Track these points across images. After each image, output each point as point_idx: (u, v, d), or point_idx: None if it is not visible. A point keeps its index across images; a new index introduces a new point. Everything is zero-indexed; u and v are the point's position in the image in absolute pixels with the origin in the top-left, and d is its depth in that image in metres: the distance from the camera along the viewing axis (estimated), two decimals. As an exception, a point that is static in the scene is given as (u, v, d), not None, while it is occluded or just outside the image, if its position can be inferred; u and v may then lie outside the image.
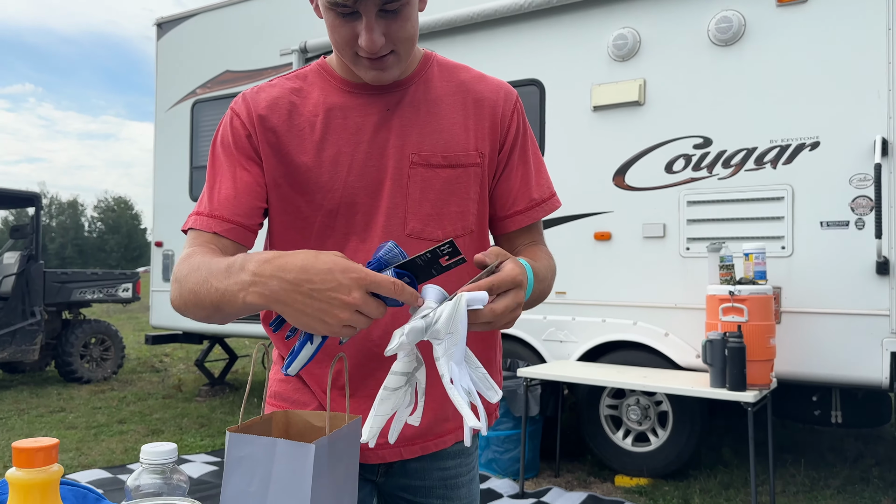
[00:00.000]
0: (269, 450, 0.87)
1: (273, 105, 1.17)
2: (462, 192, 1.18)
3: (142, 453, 0.94)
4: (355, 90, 1.18)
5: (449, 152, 1.17)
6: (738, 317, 3.75)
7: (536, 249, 1.24)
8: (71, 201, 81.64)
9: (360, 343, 1.19)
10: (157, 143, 6.93)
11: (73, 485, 1.16)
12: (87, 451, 5.11)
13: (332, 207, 1.16)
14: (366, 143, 1.15)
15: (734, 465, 4.69)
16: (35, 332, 7.66)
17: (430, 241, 1.16)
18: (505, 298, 0.95)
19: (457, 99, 1.20)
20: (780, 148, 4.05)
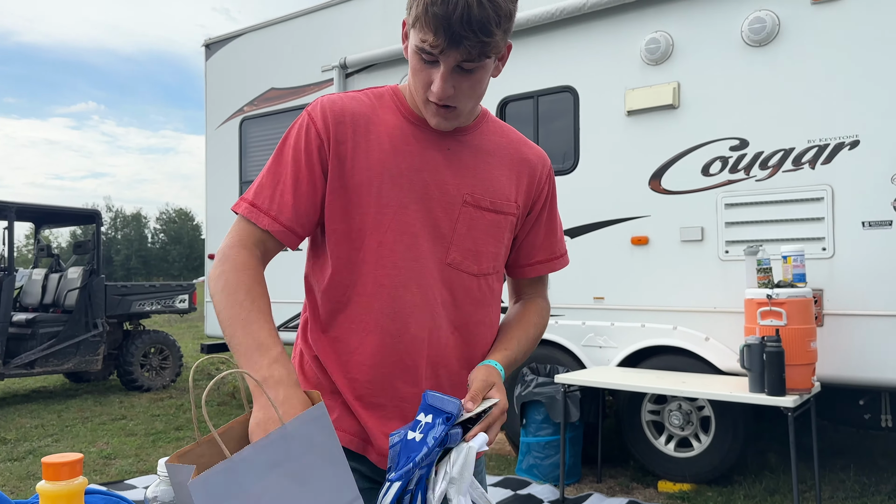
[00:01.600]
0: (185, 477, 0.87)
1: (352, 118, 1.26)
2: (499, 235, 1.33)
3: (159, 467, 1.04)
4: (421, 124, 1.29)
5: (495, 199, 1.32)
6: (776, 321, 3.71)
7: (533, 307, 1.43)
8: (135, 214, 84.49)
9: (390, 343, 1.26)
10: (209, 159, 7.19)
11: (105, 493, 1.27)
12: (146, 457, 5.34)
13: (385, 222, 1.24)
14: (426, 172, 1.27)
15: (780, 470, 4.61)
16: (98, 343, 8.02)
17: (464, 273, 1.30)
18: (495, 427, 1.16)
19: (505, 154, 1.35)
20: (819, 148, 3.99)
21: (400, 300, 1.25)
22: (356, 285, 1.26)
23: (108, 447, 5.64)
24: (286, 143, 1.27)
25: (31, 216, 8.53)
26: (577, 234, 4.81)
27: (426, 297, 1.27)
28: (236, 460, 0.89)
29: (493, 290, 1.35)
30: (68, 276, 8.28)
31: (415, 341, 1.26)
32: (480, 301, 1.33)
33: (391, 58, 5.70)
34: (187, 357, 11.08)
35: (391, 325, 1.25)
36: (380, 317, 1.25)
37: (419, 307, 1.26)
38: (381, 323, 1.25)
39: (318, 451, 0.98)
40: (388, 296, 1.25)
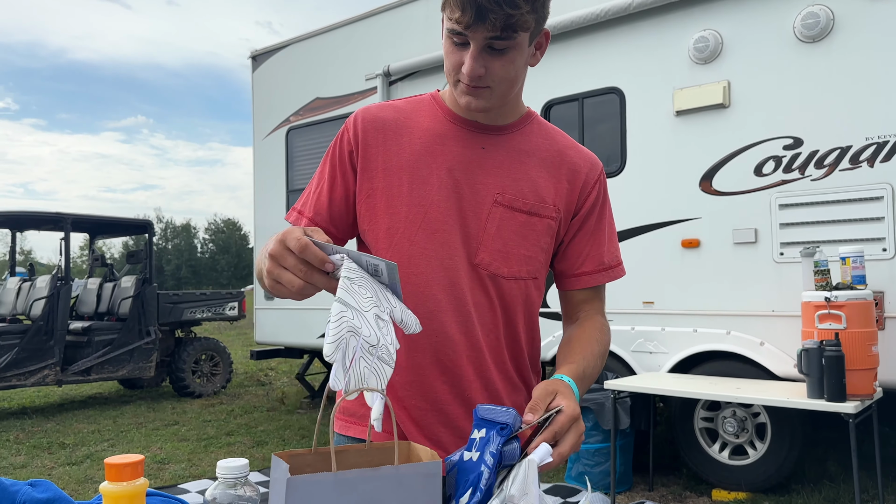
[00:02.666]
0: (283, 475, 0.87)
1: (382, 124, 1.29)
2: (534, 238, 1.27)
3: (217, 468, 1.05)
4: (458, 122, 1.29)
5: (530, 200, 1.27)
6: (835, 324, 3.59)
7: (590, 324, 1.32)
8: (184, 225, 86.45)
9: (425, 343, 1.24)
10: (256, 169, 7.31)
11: (164, 496, 1.28)
12: (198, 462, 5.42)
13: (416, 221, 1.24)
14: (458, 172, 1.26)
15: (840, 479, 4.46)
16: (150, 350, 8.20)
17: (493, 275, 1.25)
18: (568, 437, 1.01)
19: (548, 156, 1.31)
20: (878, 145, 3.86)
21: (432, 299, 1.24)
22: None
23: (161, 452, 5.75)
24: (329, 150, 1.34)
25: (86, 227, 8.79)
26: (625, 237, 4.74)
27: (458, 297, 1.24)
28: (341, 478, 0.86)
29: (528, 297, 1.30)
30: (122, 285, 8.50)
31: (450, 342, 1.24)
32: (510, 305, 1.28)
33: (434, 64, 5.71)
34: (237, 364, 11.27)
35: (425, 324, 1.21)
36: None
37: (452, 307, 1.24)
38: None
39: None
40: (420, 294, 1.24)
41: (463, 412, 1.26)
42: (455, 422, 1.26)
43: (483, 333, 1.27)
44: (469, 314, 1.25)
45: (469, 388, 1.26)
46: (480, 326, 1.26)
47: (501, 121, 1.30)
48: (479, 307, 1.26)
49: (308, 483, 0.84)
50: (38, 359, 7.34)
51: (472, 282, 1.25)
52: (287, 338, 7.04)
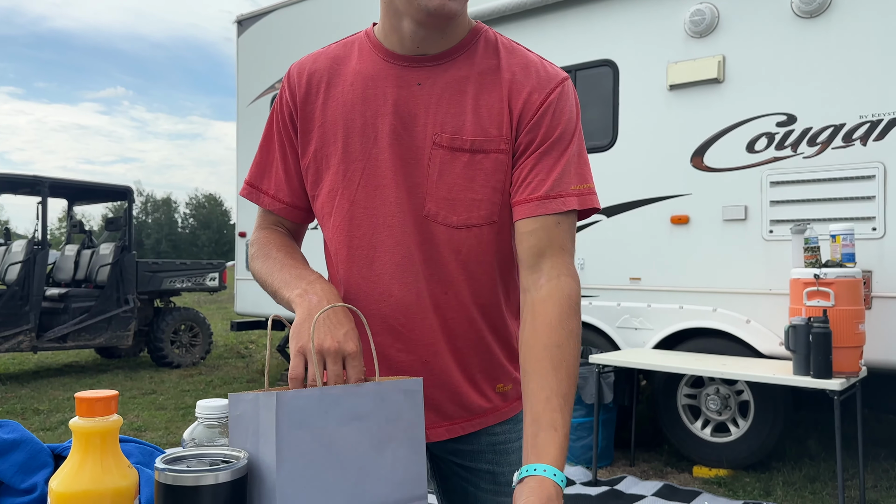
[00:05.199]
0: (254, 404, 0.87)
1: (314, 76, 1.19)
2: (481, 178, 1.12)
3: (197, 408, 0.98)
4: (391, 60, 1.14)
5: (476, 136, 1.11)
6: (823, 301, 3.57)
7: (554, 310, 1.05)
8: (165, 199, 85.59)
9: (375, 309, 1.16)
10: (240, 136, 7.17)
11: (140, 443, 1.21)
12: (176, 430, 5.35)
13: (355, 179, 1.14)
14: (393, 116, 1.12)
15: (821, 458, 4.48)
16: (129, 319, 8.08)
17: (443, 226, 1.13)
18: None
19: (493, 80, 1.13)
20: (871, 124, 3.83)
21: (378, 262, 1.14)
22: (338, 251, 1.18)
23: (138, 420, 5.67)
24: (270, 115, 1.24)
25: (65, 192, 8.60)
26: (614, 212, 4.69)
27: (407, 256, 1.13)
28: (328, 392, 0.87)
29: (488, 242, 1.15)
30: (100, 251, 8.35)
31: (401, 305, 1.14)
32: (468, 256, 1.14)
33: (425, 32, 5.60)
34: (217, 336, 11.16)
35: (375, 290, 1.14)
36: (363, 283, 1.15)
37: (400, 268, 1.13)
38: (365, 289, 1.15)
39: (402, 427, 0.93)
40: (365, 258, 1.15)
41: (429, 377, 1.17)
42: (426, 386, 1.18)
43: (440, 291, 1.14)
44: (417, 274, 1.13)
45: (427, 351, 1.16)
46: (436, 284, 1.14)
47: (441, 47, 1.13)
48: (431, 263, 1.14)
49: (296, 398, 0.84)
50: (13, 324, 7.20)
51: (423, 236, 1.13)
52: (268, 309, 6.95)
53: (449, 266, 1.14)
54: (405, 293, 1.14)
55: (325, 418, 0.86)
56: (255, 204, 1.26)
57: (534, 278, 1.08)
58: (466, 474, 1.26)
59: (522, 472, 0.93)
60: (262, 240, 1.22)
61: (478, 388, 1.21)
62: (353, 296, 1.16)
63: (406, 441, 0.94)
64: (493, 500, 1.25)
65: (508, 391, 1.24)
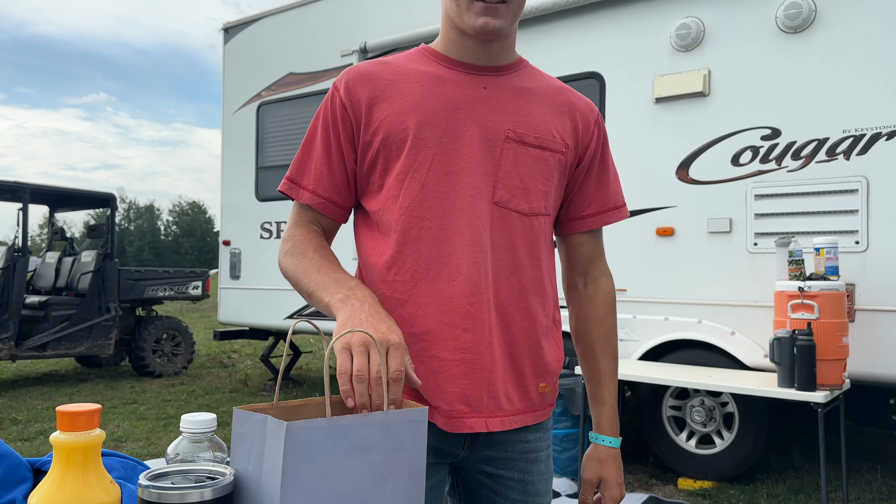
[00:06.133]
0: (261, 427, 0.86)
1: (374, 77, 1.23)
2: (548, 173, 1.24)
3: (182, 422, 0.96)
4: (456, 66, 1.24)
5: (540, 134, 1.23)
6: (807, 314, 3.59)
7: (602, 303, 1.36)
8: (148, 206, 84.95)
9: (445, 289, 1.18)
10: (225, 144, 7.13)
11: (122, 457, 1.19)
12: (157, 440, 5.28)
13: (426, 163, 1.19)
14: (464, 111, 1.21)
15: (805, 469, 4.50)
16: (110, 328, 7.98)
17: (513, 212, 1.21)
18: None
19: (549, 95, 1.28)
20: (854, 138, 3.87)
21: (448, 243, 1.18)
22: (405, 231, 1.19)
23: (119, 430, 5.59)
24: (316, 118, 1.27)
25: (46, 199, 8.51)
26: (600, 224, 4.70)
27: (477, 238, 1.19)
28: (336, 423, 0.85)
29: (545, 233, 1.26)
30: (82, 259, 8.25)
31: (469, 284, 1.17)
32: (533, 243, 1.24)
33: (412, 42, 5.61)
34: (199, 345, 11.06)
35: (444, 269, 1.18)
36: (431, 262, 1.18)
37: (470, 249, 1.18)
38: (433, 268, 1.18)
39: (405, 459, 0.92)
40: (437, 238, 1.18)
41: (487, 360, 1.19)
42: (479, 372, 1.19)
43: (504, 275, 1.21)
44: (486, 256, 1.19)
45: (490, 333, 1.19)
46: (501, 268, 1.21)
47: (499, 61, 1.27)
48: (497, 247, 1.21)
49: (305, 429, 0.83)
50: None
51: (492, 221, 1.20)
52: (252, 318, 6.89)
53: (513, 251, 1.22)
54: (473, 272, 1.18)
55: (332, 450, 0.85)
56: (292, 199, 1.28)
57: (582, 278, 1.36)
58: (495, 485, 1.26)
59: (590, 437, 1.33)
60: (297, 237, 1.24)
61: (524, 382, 1.24)
62: (423, 274, 1.18)
63: (407, 474, 0.92)
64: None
65: (548, 393, 1.28)
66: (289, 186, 1.27)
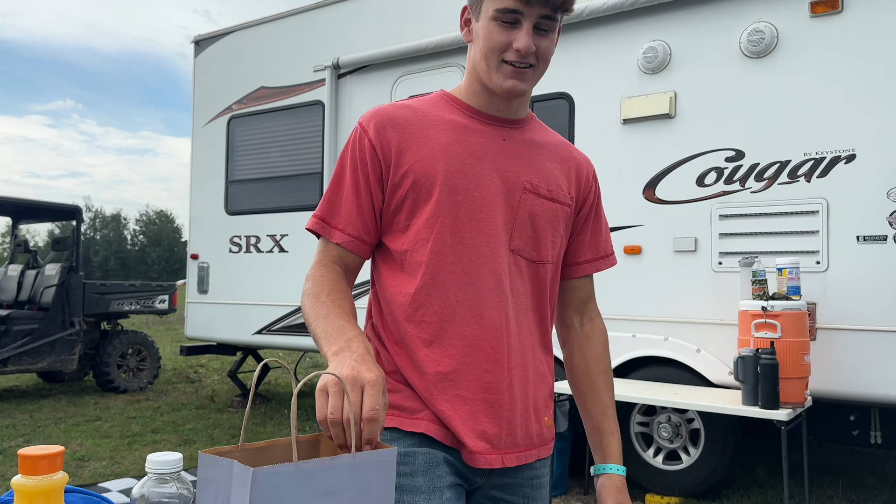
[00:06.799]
0: (227, 472, 0.86)
1: (403, 122, 1.29)
2: (557, 224, 1.34)
3: (147, 463, 0.95)
4: (477, 116, 1.33)
5: (552, 188, 1.34)
6: (771, 333, 3.67)
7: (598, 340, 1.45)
8: (114, 215, 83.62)
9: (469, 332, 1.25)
10: (194, 157, 7.07)
11: (85, 493, 1.17)
12: (121, 459, 5.19)
13: (455, 208, 1.25)
14: (487, 161, 1.29)
15: (769, 485, 4.57)
16: (74, 342, 7.83)
17: (524, 259, 1.31)
18: None
19: (556, 150, 1.39)
20: (815, 161, 3.97)
21: (474, 287, 1.26)
22: (433, 276, 1.25)
23: (81, 449, 5.48)
24: (343, 157, 1.32)
25: (9, 210, 8.35)
26: (569, 242, 4.75)
27: (499, 282, 1.27)
28: (303, 468, 0.85)
29: (550, 279, 1.35)
30: (45, 272, 8.10)
31: (492, 329, 1.25)
32: (541, 289, 1.34)
33: (385, 59, 5.63)
34: (166, 359, 10.90)
35: (469, 312, 1.25)
36: (457, 305, 1.25)
37: (493, 293, 1.26)
38: (459, 311, 1.25)
39: (372, 500, 0.92)
40: (463, 283, 1.25)
41: (507, 399, 1.26)
42: (499, 411, 1.26)
43: (519, 319, 1.30)
44: (506, 300, 1.27)
45: (510, 374, 1.27)
46: (516, 312, 1.29)
47: (517, 115, 1.36)
48: (515, 293, 1.29)
49: (271, 474, 0.83)
50: (-50, 348, 6.91)
51: (510, 267, 1.29)
52: (220, 333, 6.82)
53: (526, 296, 1.32)
54: (495, 317, 1.26)
55: (299, 495, 0.85)
56: (326, 238, 1.31)
57: (578, 317, 1.46)
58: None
59: (598, 469, 1.36)
60: (317, 278, 1.27)
61: (538, 418, 1.33)
62: (449, 317, 1.24)
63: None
64: None
65: (551, 426, 1.38)
66: (321, 226, 1.31)
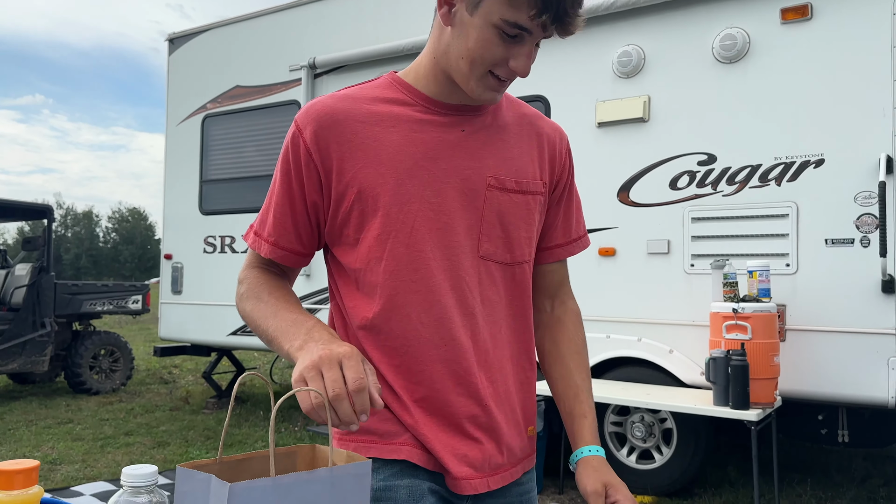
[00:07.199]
0: (205, 486, 0.86)
1: (343, 119, 1.14)
2: (531, 218, 1.22)
3: (122, 476, 0.96)
4: (432, 107, 1.18)
5: (521, 178, 1.21)
6: (741, 334, 3.73)
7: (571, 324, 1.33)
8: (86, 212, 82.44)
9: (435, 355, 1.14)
10: (168, 156, 7.00)
11: (59, 503, 1.17)
12: (93, 462, 5.13)
13: (409, 221, 1.13)
14: (444, 160, 1.15)
15: (740, 483, 4.65)
16: (45, 344, 7.72)
17: (497, 264, 1.19)
18: None
19: (522, 129, 1.24)
20: (785, 165, 4.05)
21: (439, 305, 1.14)
22: (391, 299, 1.14)
23: (53, 452, 5.41)
24: (280, 161, 1.19)
25: (-22, 210, 8.20)
26: (545, 243, 4.79)
27: (464, 297, 1.16)
28: (280, 483, 0.86)
29: (525, 279, 1.24)
30: (15, 272, 7.98)
31: (462, 349, 1.15)
32: (519, 292, 1.23)
33: (363, 59, 5.63)
34: (139, 360, 10.78)
35: (435, 335, 1.14)
36: (421, 328, 1.14)
37: (458, 310, 1.15)
38: (424, 335, 1.14)
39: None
40: (425, 302, 1.14)
41: (485, 421, 1.18)
42: (479, 434, 1.18)
43: (495, 331, 1.19)
44: (475, 316, 1.17)
45: (486, 395, 1.18)
46: (490, 324, 1.19)
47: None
48: (487, 303, 1.18)
49: (249, 489, 0.84)
50: (-83, 349, 6.78)
51: (478, 276, 1.17)
52: (194, 334, 6.77)
53: (501, 304, 1.21)
54: (464, 336, 1.16)
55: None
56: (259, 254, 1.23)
57: (549, 302, 1.34)
58: None
59: (573, 458, 1.24)
60: (252, 280, 1.20)
61: (520, 432, 1.24)
62: (414, 340, 1.14)
63: None
64: None
65: (533, 436, 1.28)
66: (252, 239, 1.22)
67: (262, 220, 1.22)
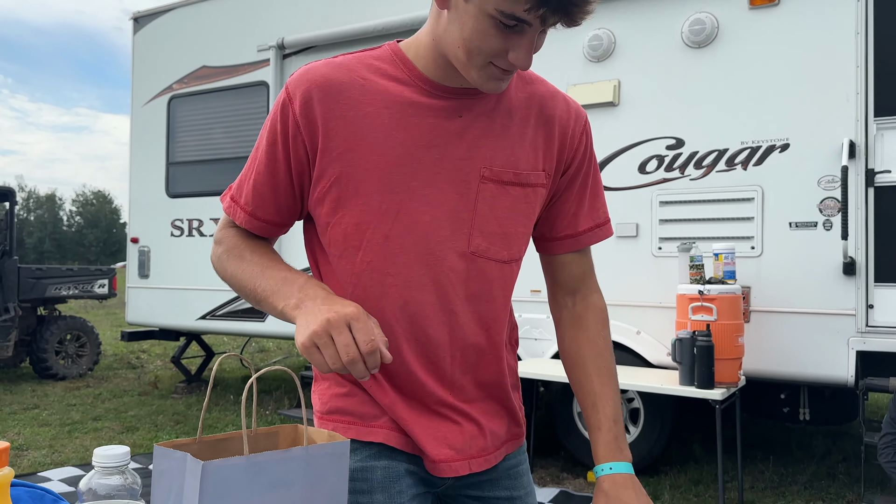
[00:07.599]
0: (181, 464, 0.86)
1: (337, 90, 1.07)
2: (529, 212, 1.15)
3: (94, 456, 0.96)
4: (431, 89, 1.09)
5: (519, 169, 1.13)
6: (707, 316, 3.80)
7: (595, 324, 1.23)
8: (49, 195, 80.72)
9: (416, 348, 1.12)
10: (133, 138, 6.88)
11: (29, 486, 1.16)
12: (61, 448, 5.07)
13: (392, 211, 1.08)
14: (436, 149, 1.08)
15: (704, 461, 4.76)
16: (9, 328, 7.59)
17: (492, 261, 1.13)
18: None
19: (530, 113, 1.15)
20: (751, 149, 4.11)
21: (413, 302, 1.09)
22: (366, 291, 1.10)
23: (19, 438, 5.34)
24: (265, 126, 1.13)
25: (-63, 192, 7.99)
26: (515, 226, 4.81)
27: (443, 294, 1.10)
28: (254, 461, 0.86)
29: (514, 277, 1.18)
30: (-23, 256, 7.79)
31: (433, 344, 1.11)
32: (508, 288, 1.17)
33: (333, 40, 5.57)
34: (106, 345, 10.64)
35: (406, 331, 1.10)
36: (395, 325, 1.10)
37: (435, 307, 1.10)
38: (396, 329, 1.10)
39: (325, 492, 0.92)
40: (401, 298, 1.09)
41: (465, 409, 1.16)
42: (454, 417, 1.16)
43: (478, 329, 1.15)
44: (457, 311, 1.12)
45: (464, 390, 1.16)
46: (474, 322, 1.14)
47: None
48: (471, 300, 1.13)
49: (222, 468, 0.84)
50: None
51: (466, 274, 1.11)
52: (162, 319, 6.70)
53: (490, 301, 1.14)
54: (440, 334, 1.11)
55: (249, 488, 0.86)
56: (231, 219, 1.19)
57: (570, 298, 1.25)
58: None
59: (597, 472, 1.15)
60: (230, 239, 1.16)
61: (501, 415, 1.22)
62: (388, 336, 1.10)
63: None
64: None
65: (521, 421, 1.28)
66: (228, 204, 1.17)
67: (239, 186, 1.17)
